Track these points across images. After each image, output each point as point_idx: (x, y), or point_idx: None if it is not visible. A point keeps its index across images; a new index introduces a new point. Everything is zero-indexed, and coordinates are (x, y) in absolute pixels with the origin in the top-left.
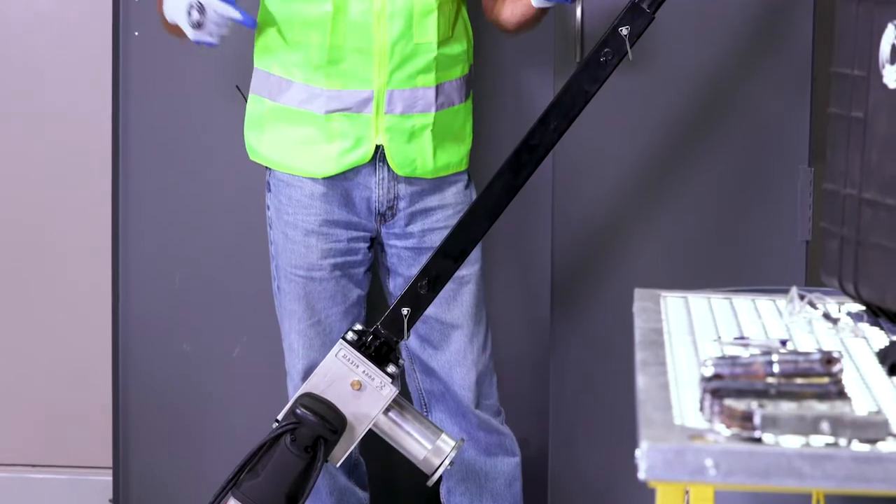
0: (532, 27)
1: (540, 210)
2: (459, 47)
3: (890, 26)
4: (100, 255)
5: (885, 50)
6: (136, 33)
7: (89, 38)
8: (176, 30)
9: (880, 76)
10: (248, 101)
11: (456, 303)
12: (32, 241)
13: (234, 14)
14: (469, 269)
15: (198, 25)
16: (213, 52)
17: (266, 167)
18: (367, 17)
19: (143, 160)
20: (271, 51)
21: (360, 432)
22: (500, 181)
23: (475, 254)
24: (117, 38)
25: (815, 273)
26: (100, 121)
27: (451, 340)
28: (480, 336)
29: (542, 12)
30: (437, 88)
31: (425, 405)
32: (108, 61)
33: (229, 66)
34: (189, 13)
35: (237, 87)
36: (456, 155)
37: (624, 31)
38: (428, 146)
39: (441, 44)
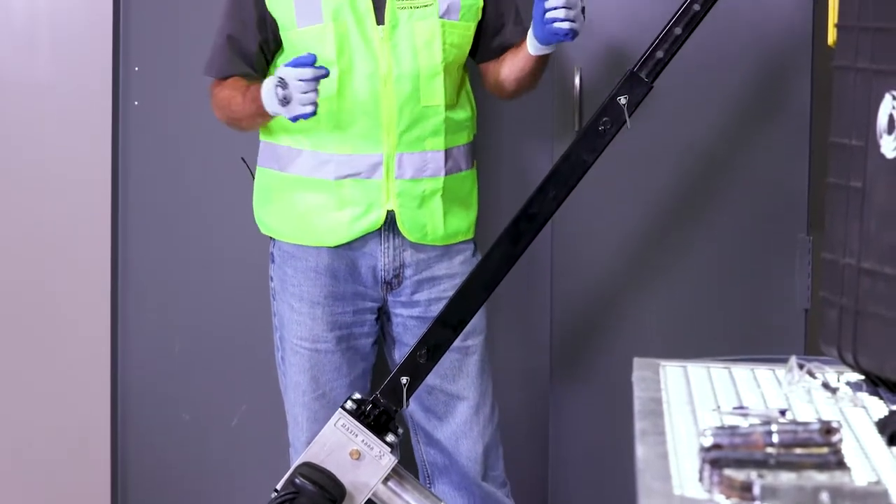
0: (531, 84)
1: (539, 279)
2: (464, 113)
3: (887, 96)
4: (99, 324)
5: (882, 120)
6: (136, 103)
7: (89, 107)
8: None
9: (878, 146)
10: (256, 174)
11: (461, 374)
12: (31, 307)
13: (314, 73)
14: (474, 340)
15: (286, 101)
16: (212, 123)
17: (270, 238)
18: (374, 80)
19: (143, 229)
20: (278, 121)
21: (360, 502)
22: (499, 250)
23: (480, 324)
24: (117, 108)
25: (814, 342)
26: (99, 190)
27: (457, 412)
28: (486, 407)
29: (539, 62)
30: (446, 153)
31: (428, 477)
32: (107, 131)
33: (228, 137)
34: (276, 94)
35: (242, 159)
36: (464, 222)
37: (622, 100)
38: (438, 212)
39: (448, 108)
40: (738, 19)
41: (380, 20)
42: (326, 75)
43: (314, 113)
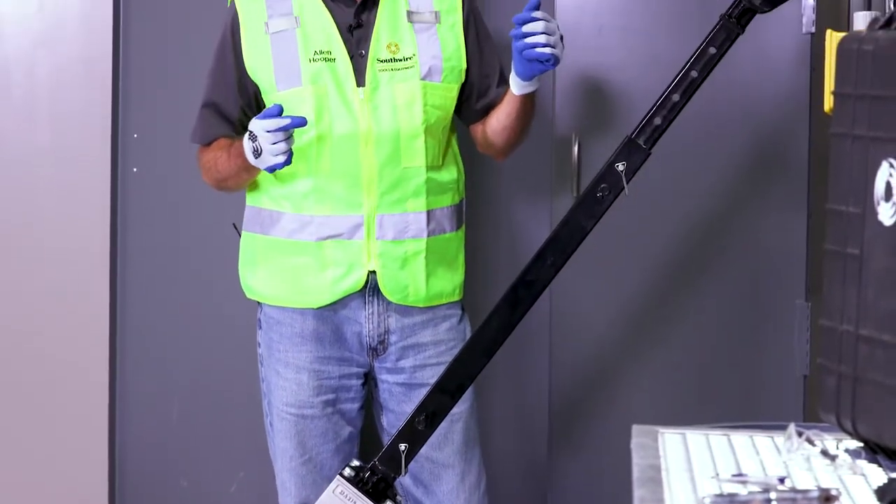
0: (520, 133)
1: (537, 345)
2: (449, 175)
3: (884, 163)
4: (98, 391)
5: (879, 187)
6: (135, 169)
7: (88, 174)
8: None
9: (875, 213)
10: (241, 238)
11: (447, 441)
12: (30, 377)
13: (281, 122)
14: (460, 407)
15: (257, 153)
16: (208, 190)
17: (258, 303)
18: (354, 141)
19: (140, 295)
20: (260, 185)
21: None
22: (497, 317)
23: (466, 392)
24: (116, 174)
25: (813, 409)
26: (98, 256)
27: (443, 480)
28: (472, 475)
29: (525, 105)
30: (428, 214)
31: None
32: (106, 197)
33: (224, 203)
34: (250, 149)
35: (234, 224)
36: (449, 284)
37: (620, 166)
38: (421, 273)
39: (430, 169)
40: (735, 86)
41: (360, 82)
42: (299, 125)
43: (287, 162)
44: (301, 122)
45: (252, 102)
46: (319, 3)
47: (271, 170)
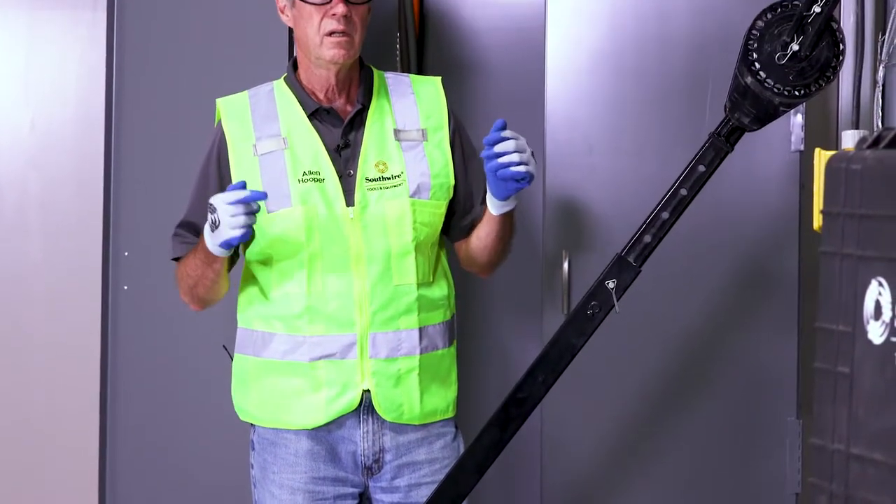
0: (502, 251)
1: (528, 463)
2: (440, 291)
3: (873, 282)
4: None
5: (869, 306)
6: (126, 287)
7: (79, 292)
8: (212, 266)
9: (865, 332)
10: (234, 360)
11: None
12: (21, 479)
13: (241, 194)
14: None
15: (216, 224)
16: (199, 312)
17: (251, 425)
18: (346, 261)
19: (131, 418)
20: (253, 307)
21: None
22: (488, 435)
23: None
24: (107, 292)
25: None
26: (89, 377)
27: None
28: None
29: (505, 224)
30: (421, 331)
31: None
32: (97, 315)
33: (215, 325)
34: (208, 221)
35: (224, 346)
36: (443, 401)
37: (611, 284)
38: (415, 391)
39: (421, 286)
40: (725, 204)
41: (349, 202)
42: (258, 198)
43: (244, 238)
44: (261, 196)
45: None
46: (307, 124)
47: (227, 245)
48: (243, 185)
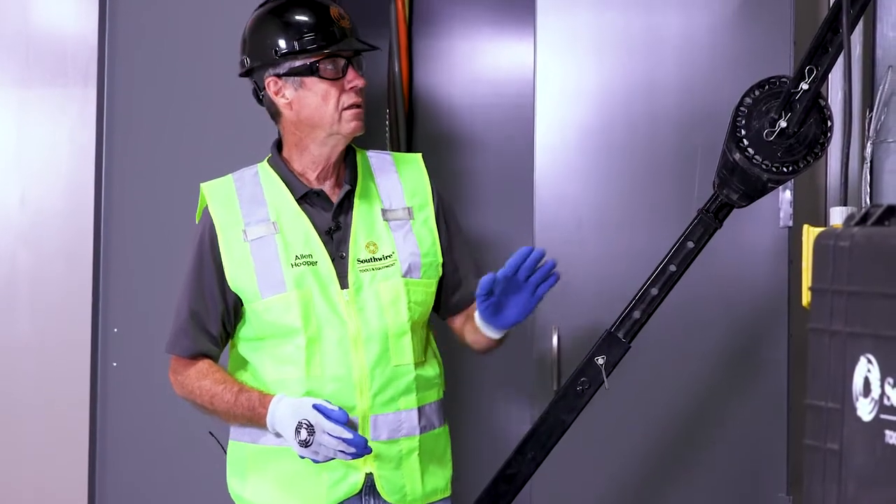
0: (497, 347)
1: None
2: (433, 370)
3: (862, 359)
4: None
5: (857, 383)
6: (115, 364)
7: (67, 367)
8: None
9: (854, 409)
10: (229, 449)
11: None
12: None
13: (346, 434)
14: None
15: (305, 444)
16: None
17: None
18: (344, 344)
19: (121, 502)
20: None
21: None
22: None
23: None
24: (95, 368)
25: None
26: (77, 452)
27: None
28: None
29: (502, 337)
30: (419, 411)
31: None
32: (86, 391)
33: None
34: (298, 431)
35: (210, 433)
36: (441, 480)
37: (600, 360)
38: (416, 471)
39: (417, 365)
40: (714, 280)
41: (343, 284)
42: (359, 445)
43: (319, 462)
44: (362, 450)
45: (230, 313)
46: (296, 208)
47: (302, 457)
48: (346, 418)
